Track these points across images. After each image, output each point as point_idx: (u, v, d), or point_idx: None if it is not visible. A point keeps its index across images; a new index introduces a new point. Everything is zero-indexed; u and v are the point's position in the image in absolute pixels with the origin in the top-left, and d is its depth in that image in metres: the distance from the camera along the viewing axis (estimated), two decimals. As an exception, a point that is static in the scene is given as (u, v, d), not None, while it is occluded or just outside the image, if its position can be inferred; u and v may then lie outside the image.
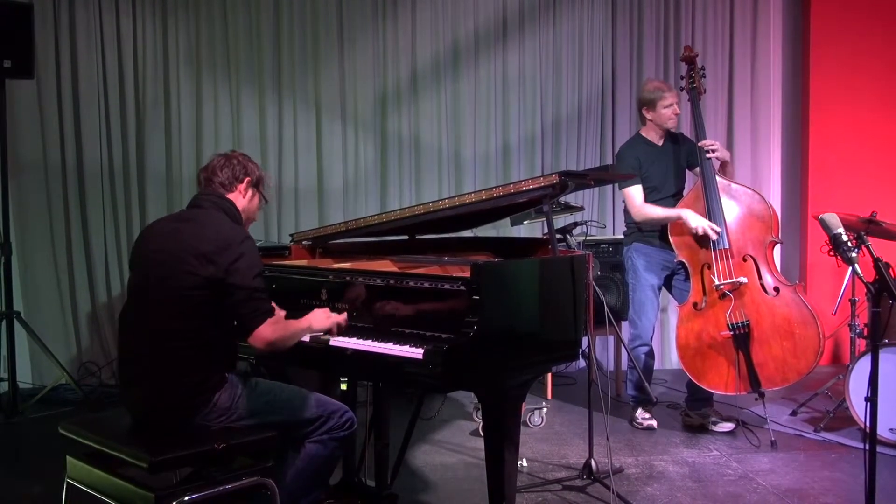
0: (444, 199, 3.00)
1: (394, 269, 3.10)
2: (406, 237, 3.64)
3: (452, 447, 4.14)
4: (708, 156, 4.21)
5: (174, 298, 2.44)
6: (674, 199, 4.36)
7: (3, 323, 4.78)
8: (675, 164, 4.40)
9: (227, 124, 5.63)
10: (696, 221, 4.11)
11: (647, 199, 4.30)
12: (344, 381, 3.42)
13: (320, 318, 2.68)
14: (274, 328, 2.47)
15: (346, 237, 3.41)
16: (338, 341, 2.68)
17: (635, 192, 4.28)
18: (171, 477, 2.63)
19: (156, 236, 2.60)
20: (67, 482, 2.57)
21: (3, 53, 4.63)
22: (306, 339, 2.70)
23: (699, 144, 4.23)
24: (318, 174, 5.77)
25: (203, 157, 5.50)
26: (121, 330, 2.62)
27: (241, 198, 2.71)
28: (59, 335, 5.42)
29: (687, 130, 5.12)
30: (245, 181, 2.71)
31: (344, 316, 2.72)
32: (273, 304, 2.54)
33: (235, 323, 2.50)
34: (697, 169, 4.33)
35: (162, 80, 5.54)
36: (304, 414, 2.61)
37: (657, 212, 4.25)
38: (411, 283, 2.63)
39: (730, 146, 6.03)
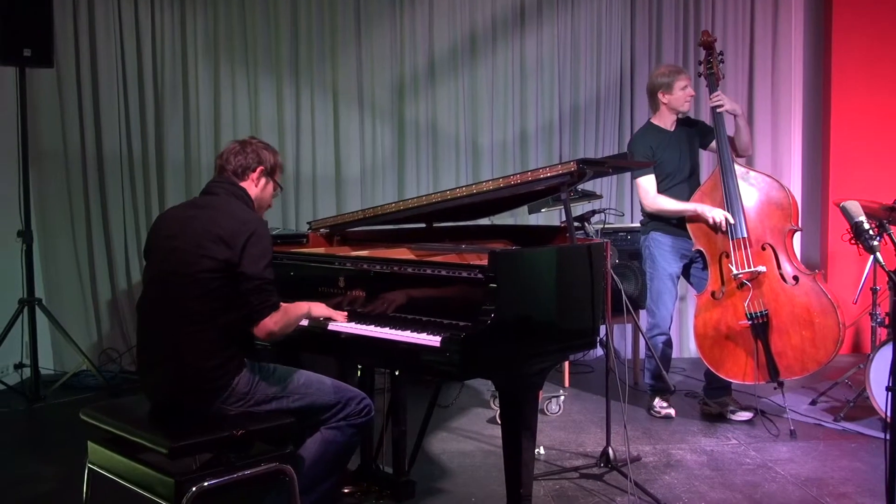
0: (462, 186, 3.00)
1: (411, 256, 3.10)
2: (423, 225, 3.64)
3: (470, 434, 4.16)
4: (718, 110, 4.18)
5: (192, 283, 2.46)
6: (688, 181, 4.33)
7: (25, 310, 4.84)
8: (689, 147, 4.37)
9: (245, 112, 5.65)
10: (712, 213, 4.08)
11: (662, 186, 4.28)
12: (360, 369, 3.43)
13: (319, 307, 2.74)
14: (277, 320, 2.51)
15: (363, 225, 3.41)
16: (336, 326, 2.71)
17: (648, 184, 4.25)
18: (190, 462, 2.66)
19: (171, 223, 2.62)
20: (89, 467, 2.60)
21: (22, 42, 4.66)
22: (304, 323, 2.74)
23: (711, 98, 4.21)
24: (336, 162, 5.77)
25: (221, 144, 5.52)
26: (139, 318, 2.64)
27: (253, 186, 2.73)
28: (79, 322, 5.48)
29: (705, 118, 5.07)
30: (257, 170, 2.73)
31: (343, 315, 2.77)
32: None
33: (242, 310, 2.51)
34: (712, 145, 4.29)
35: (180, 67, 5.56)
36: (322, 399, 2.63)
37: (671, 205, 4.22)
38: (429, 271, 2.63)
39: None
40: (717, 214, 4.07)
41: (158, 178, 5.56)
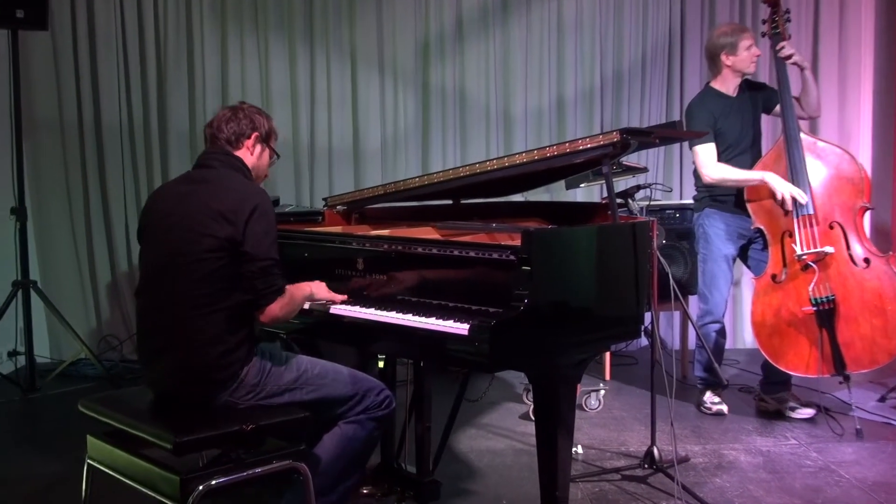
0: (493, 159, 2.99)
1: (437, 236, 3.10)
2: (450, 202, 3.64)
3: (500, 431, 4.17)
4: (788, 61, 4.13)
5: (193, 264, 2.48)
6: (750, 152, 4.29)
7: (19, 293, 4.91)
8: (752, 114, 4.33)
9: (255, 78, 5.66)
10: (781, 186, 4.02)
11: (721, 157, 4.23)
12: (381, 359, 3.45)
13: (321, 287, 2.79)
14: (282, 304, 2.55)
15: (384, 201, 3.42)
16: (355, 312, 2.72)
17: (707, 152, 4.21)
18: (197, 459, 2.69)
19: (165, 202, 2.65)
20: (88, 462, 2.64)
21: (15, 3, 4.69)
22: (305, 305, 2.77)
23: (776, 49, 4.15)
24: (354, 132, 5.78)
25: (229, 114, 5.55)
26: (138, 304, 2.67)
27: (249, 154, 2.75)
28: (77, 306, 5.55)
29: (765, 80, 5.00)
30: (252, 136, 2.75)
31: (341, 297, 2.82)
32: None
33: (245, 294, 2.53)
34: (777, 109, 4.23)
35: (185, 30, 5.57)
36: (339, 391, 2.66)
37: (734, 174, 4.17)
38: (456, 252, 2.63)
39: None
40: (784, 189, 4.01)
41: (161, 150, 5.60)
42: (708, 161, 4.21)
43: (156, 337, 2.58)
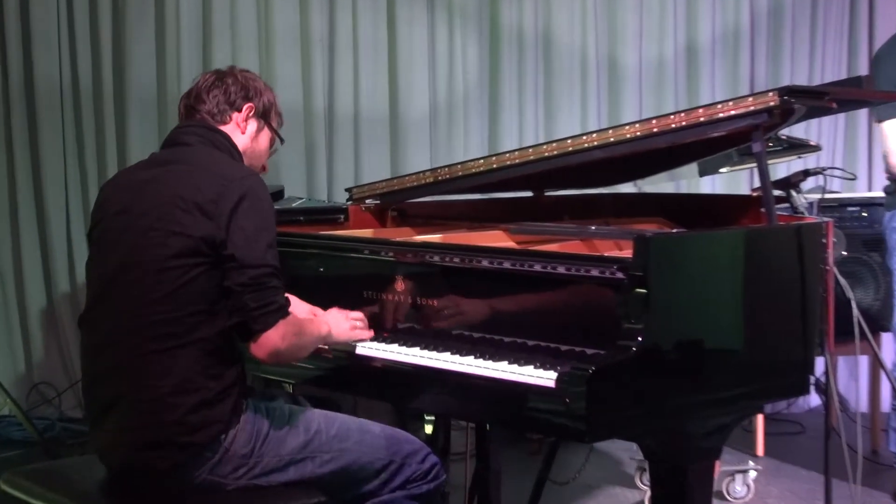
0: (592, 132, 3.00)
1: (510, 244, 3.11)
2: (530, 194, 3.66)
3: (602, 529, 4.17)
4: None
5: (156, 276, 2.50)
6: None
7: (-80, 323, 5.03)
8: None
9: (251, 19, 5.71)
10: None
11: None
12: (429, 421, 3.46)
13: (342, 326, 2.79)
14: (286, 332, 2.53)
15: (433, 193, 3.46)
16: (391, 355, 2.73)
17: None
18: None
19: (121, 193, 2.69)
20: (13, 564, 2.69)
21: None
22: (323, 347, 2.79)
23: None
24: (391, 94, 5.83)
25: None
26: (84, 337, 2.71)
27: (238, 133, 2.79)
28: (-1, 343, 5.66)
29: None
30: (245, 108, 2.78)
31: (369, 333, 2.83)
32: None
33: (232, 316, 2.53)
34: None
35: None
36: (367, 458, 2.67)
37: None
38: (538, 268, 2.64)
39: None
40: None
41: (118, 122, 5.67)
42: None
43: (105, 384, 2.60)
